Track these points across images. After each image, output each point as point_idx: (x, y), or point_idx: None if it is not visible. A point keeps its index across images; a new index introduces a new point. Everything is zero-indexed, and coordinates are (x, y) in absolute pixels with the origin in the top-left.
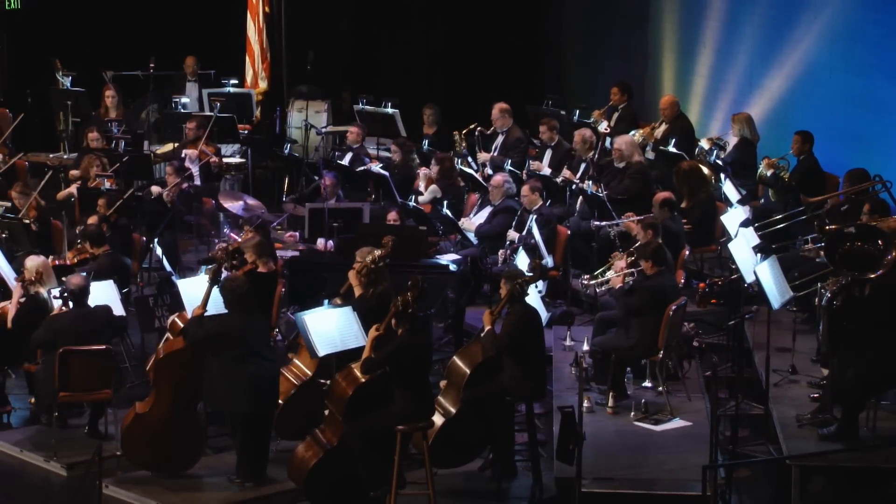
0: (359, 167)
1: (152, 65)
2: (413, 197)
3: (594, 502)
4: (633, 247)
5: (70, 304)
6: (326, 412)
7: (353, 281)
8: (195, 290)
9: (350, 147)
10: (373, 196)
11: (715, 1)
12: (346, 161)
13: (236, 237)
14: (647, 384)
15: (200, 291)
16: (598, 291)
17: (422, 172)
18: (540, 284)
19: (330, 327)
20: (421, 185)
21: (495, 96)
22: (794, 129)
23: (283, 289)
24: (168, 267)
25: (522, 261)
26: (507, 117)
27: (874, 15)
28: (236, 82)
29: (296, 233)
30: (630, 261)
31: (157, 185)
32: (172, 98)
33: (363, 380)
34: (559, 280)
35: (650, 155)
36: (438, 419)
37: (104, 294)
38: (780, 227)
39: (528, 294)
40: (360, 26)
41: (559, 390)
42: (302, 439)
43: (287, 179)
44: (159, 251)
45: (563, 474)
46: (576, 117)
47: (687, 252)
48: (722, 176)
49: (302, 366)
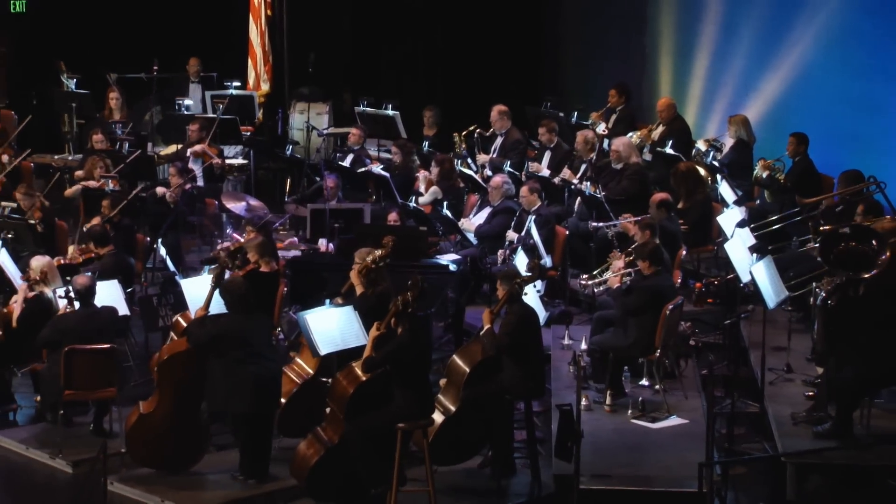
0: (360, 168)
1: (156, 67)
2: (413, 198)
3: (592, 499)
4: (631, 247)
5: (76, 304)
6: (328, 410)
7: (355, 280)
8: (198, 290)
9: (351, 148)
10: (373, 197)
11: (711, 4)
12: (348, 162)
13: (239, 237)
14: (645, 383)
15: (203, 291)
16: (596, 291)
17: (421, 175)
18: (539, 284)
19: (331, 326)
20: (421, 187)
21: (494, 98)
22: (790, 131)
23: (285, 288)
24: (171, 267)
25: (521, 261)
26: (506, 119)
27: (869, 17)
28: (239, 84)
29: (295, 238)
30: (628, 261)
31: (161, 186)
32: (176, 100)
33: (364, 378)
34: (558, 280)
35: (647, 156)
36: (438, 417)
37: (108, 293)
38: (776, 228)
39: (527, 294)
40: (361, 29)
41: (557, 389)
42: (304, 437)
43: (289, 180)
44: (163, 251)
45: (562, 471)
46: (574, 119)
47: (684, 252)
48: (718, 177)
49: (304, 364)
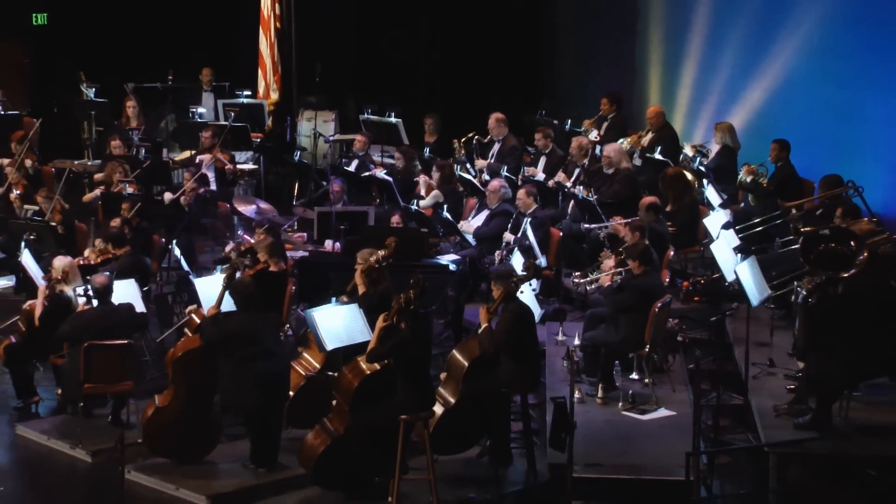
0: (364, 173)
1: (170, 77)
2: (415, 201)
3: (585, 487)
4: (622, 248)
5: (95, 302)
6: (334, 402)
7: (359, 279)
8: (211, 289)
9: (356, 154)
10: (377, 200)
11: (699, 16)
12: (353, 167)
13: (249, 239)
14: (635, 376)
15: (216, 289)
16: (589, 289)
17: (422, 179)
18: (534, 283)
19: (337, 323)
20: (422, 191)
21: (492, 107)
22: (773, 138)
23: (293, 287)
24: (185, 266)
25: (518, 261)
26: (503, 126)
27: (849, 30)
28: (249, 93)
29: (304, 234)
30: (618, 260)
31: (172, 191)
32: (189, 108)
33: (368, 372)
34: (552, 279)
35: (637, 161)
36: (439, 409)
37: (126, 292)
38: (759, 230)
39: (523, 292)
40: (365, 41)
41: (552, 382)
42: (311, 428)
43: (297, 184)
44: (177, 252)
45: (556, 461)
46: (568, 126)
47: (672, 253)
48: (705, 181)
49: (311, 359)
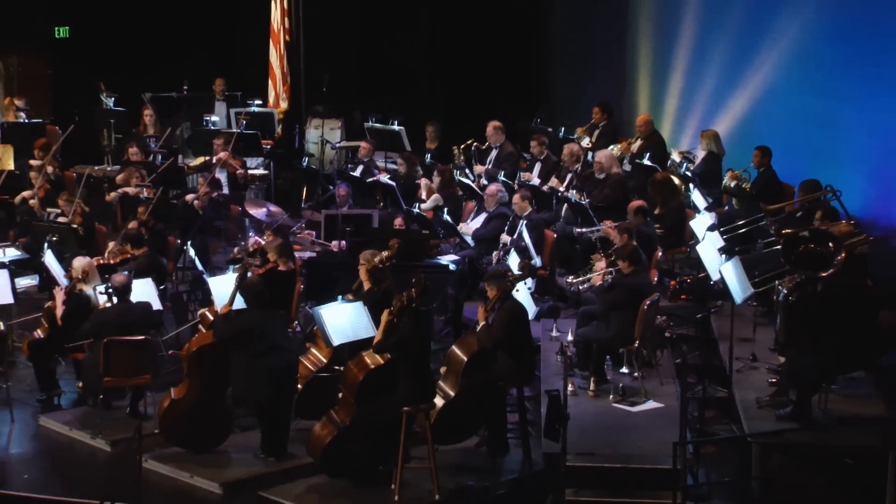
0: (369, 178)
1: (185, 87)
2: (417, 204)
3: (577, 475)
4: (612, 249)
5: (114, 300)
6: (340, 395)
7: (364, 277)
8: (224, 287)
9: (361, 160)
10: (381, 204)
11: (685, 29)
12: (358, 172)
13: (260, 240)
14: (625, 370)
15: (228, 288)
16: (581, 288)
17: (423, 183)
18: (529, 282)
19: (343, 320)
20: (423, 195)
21: (490, 115)
22: (755, 145)
23: (302, 286)
24: (200, 266)
25: (514, 261)
26: (500, 134)
27: (827, 42)
28: (260, 102)
29: (312, 232)
30: (609, 261)
31: (188, 195)
32: (203, 116)
33: (372, 367)
34: (546, 278)
35: (627, 167)
36: (439, 401)
37: (143, 290)
38: (743, 232)
39: (519, 290)
40: (369, 53)
41: (546, 376)
42: (318, 419)
43: (305, 189)
44: (192, 252)
45: (550, 450)
46: (562, 133)
47: (660, 253)
48: (691, 186)
49: (318, 354)
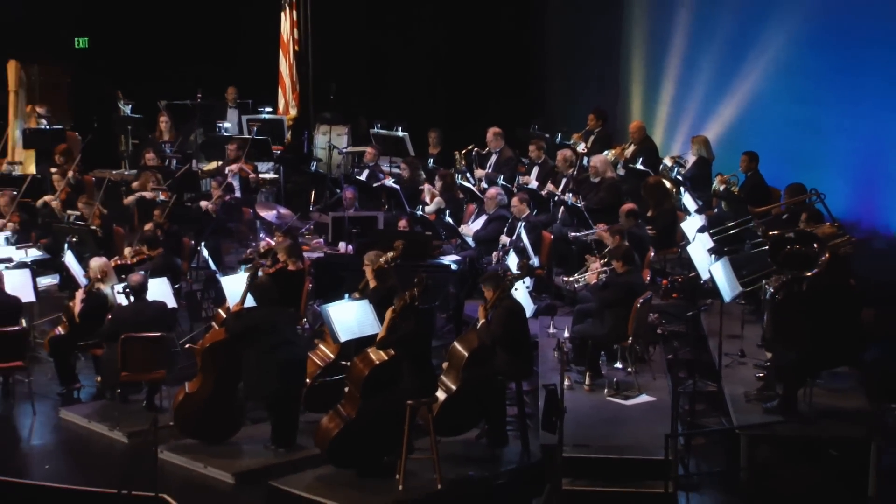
0: (374, 182)
1: (199, 95)
2: (420, 207)
3: (573, 466)
4: (606, 250)
5: (130, 299)
6: (346, 389)
7: (370, 276)
8: (236, 286)
9: (367, 165)
10: (386, 206)
11: (676, 40)
12: (364, 176)
13: (270, 241)
14: (619, 366)
15: (240, 287)
16: (577, 287)
17: (426, 188)
18: (528, 281)
19: (350, 317)
20: (426, 198)
21: (490, 121)
22: (743, 150)
23: (310, 284)
24: (213, 266)
25: (513, 261)
26: (500, 139)
27: (811, 52)
28: (270, 110)
29: (321, 239)
30: (603, 262)
31: (202, 201)
32: (216, 123)
33: (377, 362)
34: (544, 277)
35: (621, 171)
36: (441, 395)
37: (159, 289)
38: (731, 233)
39: (517, 289)
40: (375, 62)
41: (544, 371)
42: (326, 412)
43: (314, 192)
44: (205, 253)
45: (548, 442)
46: (559, 139)
47: (652, 253)
48: (682, 189)
49: (326, 350)
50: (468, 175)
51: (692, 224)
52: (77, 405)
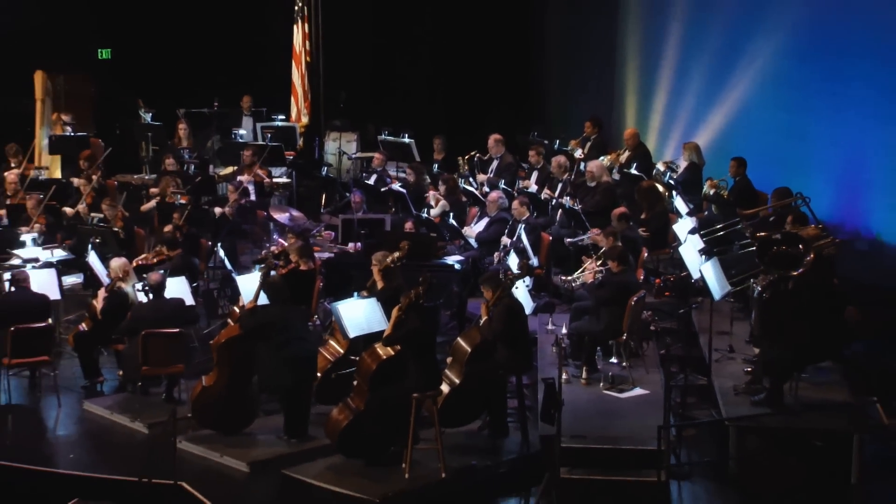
0: (382, 186)
1: (216, 104)
2: (425, 210)
3: (571, 455)
4: (601, 251)
5: (149, 296)
6: (355, 383)
7: (377, 276)
8: (250, 285)
9: (375, 170)
10: (393, 209)
11: (668, 51)
12: (372, 181)
13: (283, 242)
14: (614, 360)
15: (254, 286)
16: (574, 286)
17: (431, 194)
18: (527, 280)
19: (358, 314)
20: (431, 201)
21: (491, 129)
22: (732, 156)
23: (321, 283)
24: (228, 266)
25: (513, 261)
26: (501, 146)
27: (797, 63)
28: (283, 117)
29: (331, 232)
30: (599, 262)
31: (218, 204)
32: (232, 130)
33: (385, 357)
34: (543, 277)
35: (616, 176)
36: (445, 388)
37: (177, 288)
38: (721, 235)
39: (518, 287)
40: (382, 73)
41: (543, 365)
42: (336, 404)
43: (324, 195)
44: (222, 253)
45: (546, 433)
46: (557, 145)
47: (645, 254)
48: (674, 193)
49: (336, 345)
50: (471, 179)
51: (684, 226)
52: (100, 397)
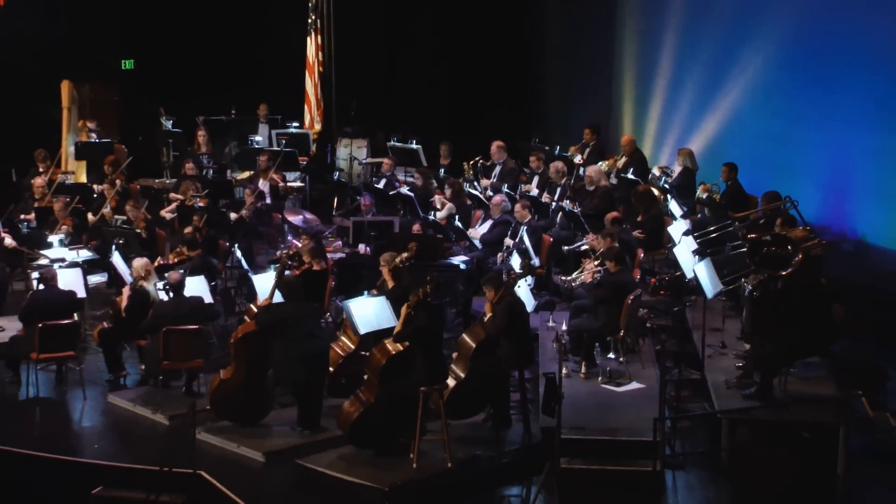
0: (391, 190)
1: (233, 111)
2: (432, 212)
3: (570, 446)
4: (599, 252)
5: (170, 295)
6: (366, 377)
7: (387, 276)
8: (265, 284)
9: (384, 174)
10: (401, 212)
11: (663, 61)
12: (381, 185)
13: (297, 243)
14: (611, 356)
15: (269, 285)
16: (574, 285)
17: (438, 197)
18: (529, 279)
19: (369, 311)
20: (437, 204)
21: (494, 135)
22: (724, 161)
23: (333, 282)
24: (245, 266)
25: (516, 261)
26: (503, 152)
27: (786, 72)
28: (297, 125)
29: (339, 241)
30: (597, 262)
31: (234, 209)
32: (248, 137)
33: (393, 352)
34: (544, 276)
35: (614, 180)
36: (451, 382)
37: (197, 286)
38: (713, 237)
39: (520, 286)
40: (392, 83)
41: (544, 361)
42: (347, 397)
43: (336, 199)
44: (239, 254)
45: (547, 424)
46: (557, 151)
47: (642, 255)
48: (669, 196)
49: (347, 341)
50: (475, 184)
51: (678, 228)
52: (123, 391)
